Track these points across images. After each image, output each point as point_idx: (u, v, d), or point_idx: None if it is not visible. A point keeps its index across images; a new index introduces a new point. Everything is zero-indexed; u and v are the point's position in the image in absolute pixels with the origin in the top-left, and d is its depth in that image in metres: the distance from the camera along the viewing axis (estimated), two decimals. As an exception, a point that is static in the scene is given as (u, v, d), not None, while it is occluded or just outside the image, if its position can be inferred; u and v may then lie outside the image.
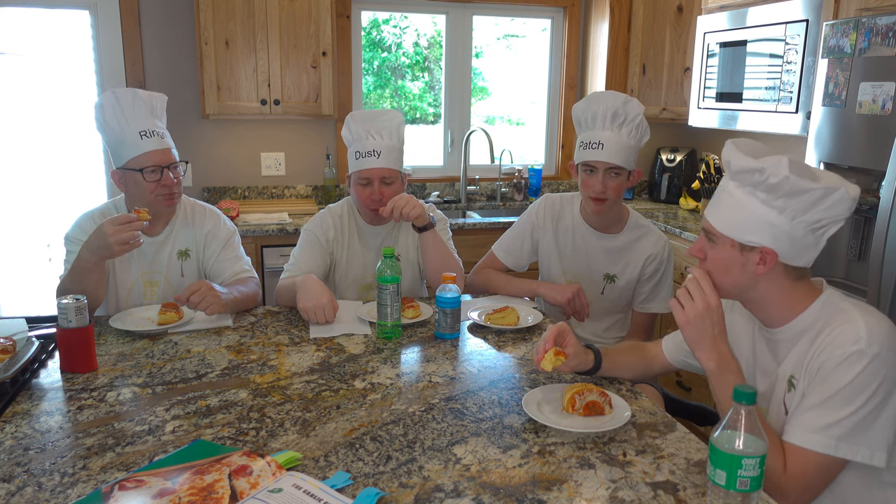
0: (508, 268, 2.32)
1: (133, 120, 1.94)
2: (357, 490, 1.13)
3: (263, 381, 1.57)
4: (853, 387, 1.19)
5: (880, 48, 2.07)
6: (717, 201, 1.34)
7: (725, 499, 1.05)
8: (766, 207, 1.25)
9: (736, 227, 1.29)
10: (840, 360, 1.20)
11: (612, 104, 1.99)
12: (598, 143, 2.00)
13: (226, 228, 2.17)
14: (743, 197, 1.28)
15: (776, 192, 1.24)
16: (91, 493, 1.11)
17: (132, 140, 1.93)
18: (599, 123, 2.01)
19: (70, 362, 1.60)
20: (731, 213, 1.30)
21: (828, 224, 1.25)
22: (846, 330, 1.22)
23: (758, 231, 1.27)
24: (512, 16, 4.07)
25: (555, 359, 1.47)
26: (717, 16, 3.14)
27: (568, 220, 2.21)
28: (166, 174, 1.97)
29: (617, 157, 1.98)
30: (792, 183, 1.21)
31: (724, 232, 1.31)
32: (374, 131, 2.09)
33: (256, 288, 2.12)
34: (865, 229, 2.23)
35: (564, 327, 1.54)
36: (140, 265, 2.07)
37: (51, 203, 3.75)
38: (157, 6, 3.46)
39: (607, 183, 2.01)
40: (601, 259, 2.16)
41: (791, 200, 1.23)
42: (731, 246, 1.30)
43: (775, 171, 1.21)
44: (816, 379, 1.23)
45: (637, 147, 2.02)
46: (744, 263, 1.30)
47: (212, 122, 3.61)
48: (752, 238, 1.27)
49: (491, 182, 4.11)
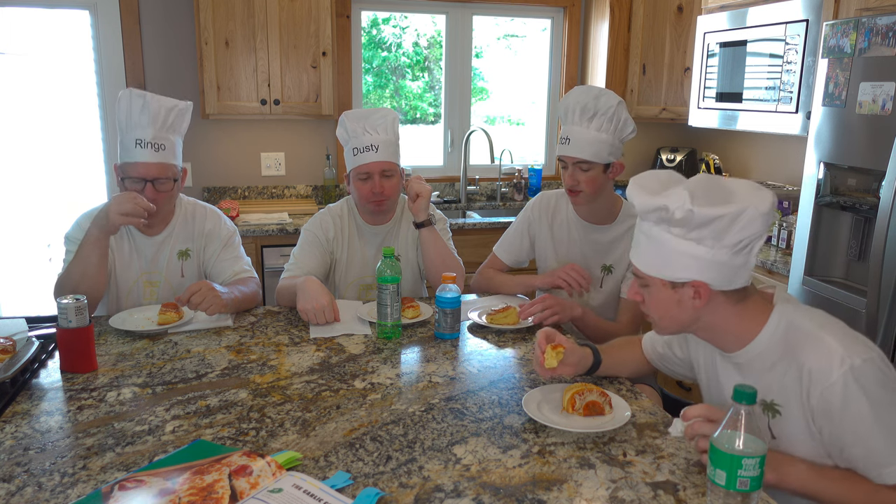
0: (509, 266, 2.33)
1: (134, 126, 1.93)
2: (357, 490, 1.13)
3: (263, 381, 1.57)
4: (880, 398, 1.15)
5: (880, 48, 2.07)
6: (637, 242, 1.31)
7: (725, 499, 1.05)
8: (683, 241, 1.22)
9: (661, 267, 1.26)
10: (841, 390, 1.16)
11: (582, 99, 2.00)
12: (566, 138, 2.02)
13: (226, 228, 2.17)
14: (659, 235, 1.25)
15: (687, 226, 1.21)
16: (91, 493, 1.11)
17: (128, 145, 1.94)
18: (570, 118, 2.03)
19: (70, 362, 1.60)
20: (653, 253, 1.27)
21: (750, 242, 1.22)
22: (822, 356, 1.18)
23: (683, 266, 1.23)
24: (512, 16, 4.07)
25: (555, 353, 1.47)
26: (717, 16, 3.14)
27: (562, 215, 2.22)
28: (148, 188, 1.95)
29: (584, 151, 1.99)
30: (697, 215, 1.18)
31: (652, 273, 1.28)
32: (370, 127, 2.09)
33: (257, 288, 2.12)
34: (865, 229, 2.23)
35: (549, 330, 1.55)
36: (140, 265, 2.07)
37: (51, 203, 3.75)
38: (157, 6, 3.46)
39: (577, 177, 2.03)
40: (597, 251, 2.17)
41: (704, 230, 1.20)
42: (662, 286, 1.28)
43: (679, 206, 1.19)
44: (838, 423, 1.17)
45: (612, 141, 2.00)
46: (679, 300, 1.27)
47: (212, 121, 3.61)
48: (680, 274, 1.24)
49: (491, 182, 4.11)
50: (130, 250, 2.06)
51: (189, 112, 2.03)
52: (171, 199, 2.04)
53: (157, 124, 1.94)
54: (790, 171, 3.31)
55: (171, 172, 1.99)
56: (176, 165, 2.01)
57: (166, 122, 1.96)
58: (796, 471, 1.20)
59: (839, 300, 2.24)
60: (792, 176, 3.29)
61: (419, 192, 2.09)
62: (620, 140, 2.03)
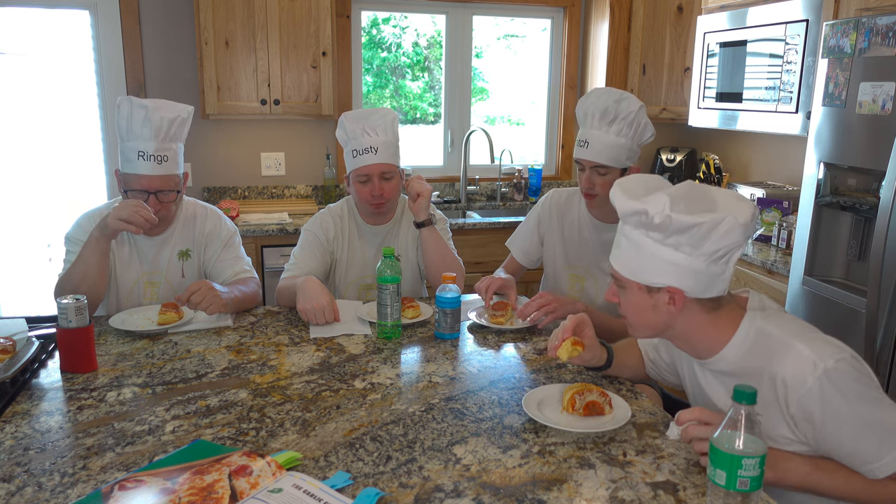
0: (523, 266, 2.33)
1: (136, 137, 1.92)
2: (357, 490, 1.13)
3: (263, 381, 1.57)
4: (858, 395, 1.16)
5: (880, 48, 2.07)
6: (618, 245, 1.32)
7: (725, 499, 1.05)
8: (661, 246, 1.23)
9: (638, 271, 1.27)
10: (818, 395, 1.15)
11: (602, 102, 1.99)
12: (585, 141, 2.01)
13: (226, 228, 2.17)
14: (638, 239, 1.26)
15: (665, 231, 1.21)
16: (91, 493, 1.11)
17: (130, 156, 1.93)
18: (589, 121, 2.02)
19: (70, 362, 1.60)
20: (631, 256, 1.28)
21: (728, 252, 1.22)
22: (795, 364, 1.18)
23: (660, 271, 1.24)
24: (512, 16, 4.07)
25: (572, 349, 1.47)
26: (717, 16, 3.14)
27: (574, 214, 2.21)
28: (152, 201, 1.94)
29: (602, 155, 1.98)
30: (675, 221, 1.18)
31: (629, 276, 1.29)
32: (370, 128, 2.09)
33: (257, 288, 2.12)
34: (865, 229, 2.23)
35: (584, 318, 1.54)
36: (140, 265, 2.07)
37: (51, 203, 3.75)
38: (157, 6, 3.46)
39: (594, 180, 2.02)
40: (608, 250, 2.15)
41: (682, 237, 1.21)
42: (638, 289, 1.29)
43: (658, 211, 1.19)
44: (821, 428, 1.17)
45: (630, 146, 2.00)
46: (654, 305, 1.28)
47: (212, 122, 3.61)
48: (656, 279, 1.25)
49: (491, 182, 4.11)
50: (131, 251, 2.06)
51: (190, 119, 2.02)
52: (175, 206, 2.05)
53: (159, 137, 1.92)
54: (790, 171, 3.31)
55: (174, 183, 1.98)
56: (178, 175, 2.00)
57: (168, 133, 1.94)
58: (794, 466, 1.20)
59: (839, 300, 2.24)
60: (792, 176, 3.29)
61: (420, 192, 2.09)
62: (638, 145, 2.03)
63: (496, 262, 3.34)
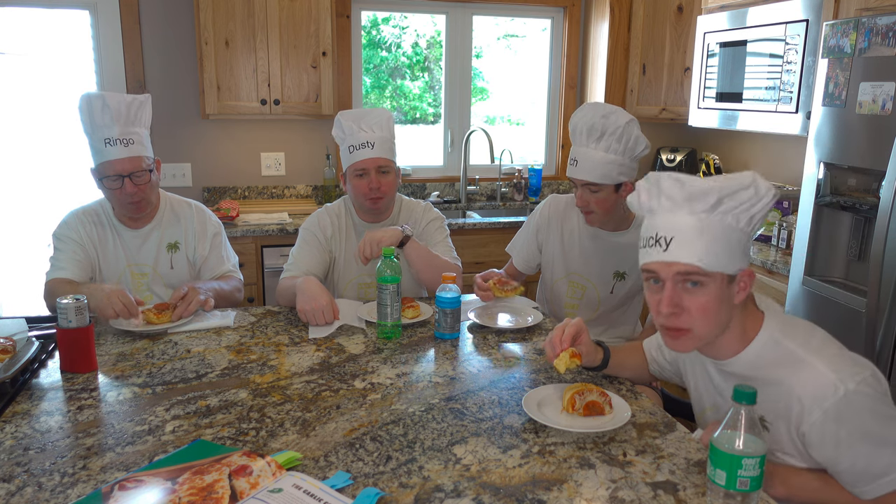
0: (522, 273, 2.33)
1: (99, 127, 1.96)
2: (357, 490, 1.13)
3: (263, 381, 1.57)
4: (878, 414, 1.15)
5: (880, 48, 2.06)
6: (682, 241, 1.17)
7: (725, 499, 1.05)
8: (732, 227, 1.18)
9: (725, 258, 1.17)
10: (834, 417, 1.14)
11: (589, 119, 1.94)
12: (574, 159, 1.99)
13: (213, 225, 2.25)
14: (712, 223, 1.17)
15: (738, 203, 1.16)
16: (91, 493, 1.11)
17: (98, 146, 1.97)
18: (578, 138, 1.99)
19: (70, 362, 1.60)
20: (709, 243, 1.16)
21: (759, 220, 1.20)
22: (815, 385, 1.16)
23: (735, 253, 1.18)
24: (512, 16, 4.07)
25: (570, 361, 1.45)
26: (717, 16, 3.14)
27: (574, 221, 2.20)
28: (127, 183, 1.98)
29: (592, 173, 1.94)
30: (760, 186, 1.16)
31: (716, 269, 1.17)
32: (366, 125, 2.10)
33: (238, 285, 2.21)
34: (865, 229, 2.23)
35: (581, 325, 1.51)
36: (125, 256, 2.13)
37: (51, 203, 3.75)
38: (157, 6, 3.46)
39: (586, 198, 2.00)
40: (611, 257, 2.15)
41: (740, 207, 1.17)
42: (721, 281, 1.18)
43: (749, 182, 1.16)
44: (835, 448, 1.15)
45: (622, 161, 1.94)
46: (729, 297, 1.20)
47: (212, 122, 3.61)
48: (737, 264, 1.18)
49: (491, 182, 4.11)
50: (115, 243, 2.12)
51: (149, 104, 2.06)
52: (152, 189, 2.08)
53: (121, 120, 1.97)
54: (790, 171, 3.31)
55: (145, 164, 2.02)
56: (148, 157, 2.04)
57: (129, 117, 1.99)
58: (804, 482, 1.19)
59: (839, 300, 2.24)
60: (792, 176, 3.29)
61: (371, 242, 1.98)
62: (632, 159, 1.97)
63: (496, 262, 3.34)
